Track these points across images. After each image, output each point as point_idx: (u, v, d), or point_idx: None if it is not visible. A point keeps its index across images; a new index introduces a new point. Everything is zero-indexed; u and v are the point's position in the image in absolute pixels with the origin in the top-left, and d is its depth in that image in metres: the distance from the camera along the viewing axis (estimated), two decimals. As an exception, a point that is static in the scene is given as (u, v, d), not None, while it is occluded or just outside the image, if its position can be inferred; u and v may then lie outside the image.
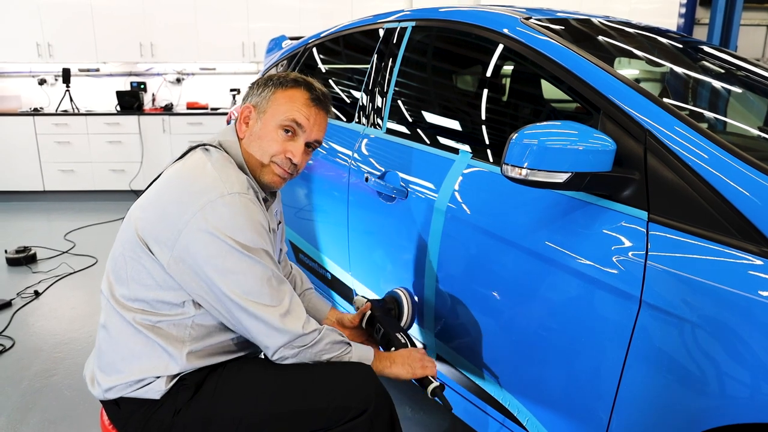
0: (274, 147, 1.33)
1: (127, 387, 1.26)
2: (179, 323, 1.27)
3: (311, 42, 2.74)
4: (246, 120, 1.36)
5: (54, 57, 5.77)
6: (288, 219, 2.66)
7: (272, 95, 1.34)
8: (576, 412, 1.33)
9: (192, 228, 1.19)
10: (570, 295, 1.28)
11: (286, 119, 1.33)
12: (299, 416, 1.26)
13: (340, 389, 1.28)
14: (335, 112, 2.40)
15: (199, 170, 1.26)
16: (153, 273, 1.24)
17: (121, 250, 1.29)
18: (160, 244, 1.22)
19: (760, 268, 0.99)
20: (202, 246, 1.19)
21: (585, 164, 1.13)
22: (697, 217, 1.09)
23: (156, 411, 1.26)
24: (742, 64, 1.91)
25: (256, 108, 1.35)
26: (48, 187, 5.78)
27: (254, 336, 1.25)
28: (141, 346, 1.26)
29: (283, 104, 1.33)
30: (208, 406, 1.26)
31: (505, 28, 1.64)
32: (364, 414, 1.26)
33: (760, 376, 0.97)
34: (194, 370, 1.29)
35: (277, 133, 1.33)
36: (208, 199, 1.19)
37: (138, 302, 1.26)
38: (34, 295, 3.35)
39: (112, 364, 1.28)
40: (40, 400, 2.30)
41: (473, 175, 1.60)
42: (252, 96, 1.38)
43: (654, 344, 1.12)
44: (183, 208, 1.20)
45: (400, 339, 1.52)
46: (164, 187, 1.28)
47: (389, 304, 1.72)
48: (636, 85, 1.30)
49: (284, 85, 1.35)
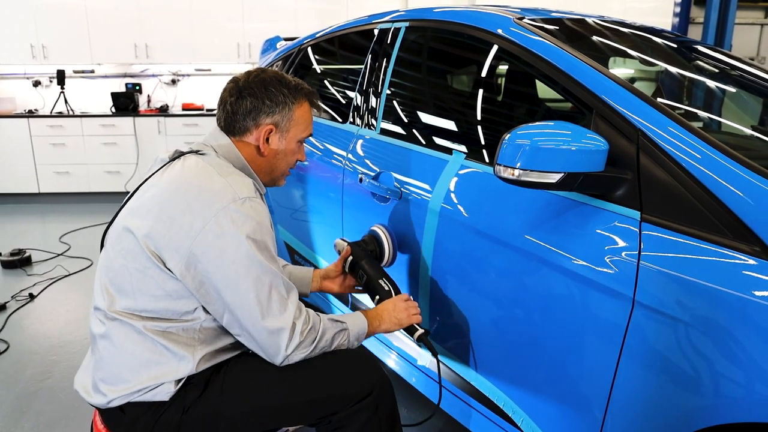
0: (294, 159, 1.46)
1: (136, 393, 1.25)
2: (189, 327, 1.27)
3: (306, 42, 2.74)
4: (267, 138, 1.38)
5: (48, 58, 5.75)
6: (283, 220, 2.66)
7: (291, 114, 1.39)
8: (570, 411, 1.33)
9: (205, 236, 1.19)
10: (564, 295, 1.28)
11: (306, 136, 1.45)
12: (307, 405, 1.30)
13: (345, 376, 1.32)
14: (330, 113, 2.40)
15: (206, 177, 1.26)
16: (162, 284, 1.23)
17: (122, 261, 1.26)
18: (171, 253, 1.21)
19: (753, 268, 0.99)
20: (216, 253, 1.20)
21: (577, 164, 1.13)
22: (690, 216, 1.09)
23: (164, 412, 1.26)
24: (735, 64, 1.91)
25: (278, 127, 1.38)
26: (43, 189, 5.76)
27: (260, 344, 1.26)
28: (150, 354, 1.25)
29: (302, 123, 1.42)
30: (217, 402, 1.27)
31: (499, 28, 1.64)
32: (370, 396, 1.31)
33: (754, 376, 0.97)
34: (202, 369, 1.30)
35: (296, 146, 1.44)
36: (221, 206, 1.20)
37: (146, 312, 1.25)
38: (28, 297, 3.33)
39: (117, 374, 1.27)
40: (35, 404, 2.29)
41: (467, 176, 1.59)
42: (268, 112, 1.36)
43: (647, 344, 1.12)
44: (195, 216, 1.20)
45: (383, 286, 1.57)
46: (168, 196, 1.25)
47: (370, 245, 1.71)
48: (629, 84, 1.30)
49: (296, 99, 1.39)
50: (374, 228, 1.69)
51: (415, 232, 1.72)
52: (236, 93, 1.36)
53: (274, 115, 1.36)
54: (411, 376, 1.90)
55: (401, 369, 1.95)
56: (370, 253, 1.68)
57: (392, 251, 1.66)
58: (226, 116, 1.37)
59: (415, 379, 1.88)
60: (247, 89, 1.35)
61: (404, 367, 1.94)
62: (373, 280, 1.59)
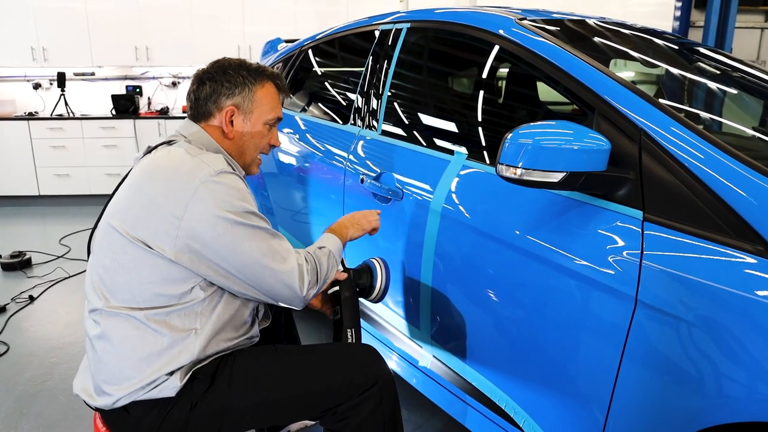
0: (263, 142, 1.45)
1: (141, 390, 1.24)
2: (189, 312, 1.27)
3: (307, 44, 2.74)
4: (230, 121, 1.39)
5: (49, 61, 5.75)
6: (284, 221, 2.65)
7: (252, 95, 1.40)
8: (572, 411, 1.32)
9: (192, 213, 1.21)
10: (566, 295, 1.27)
11: (273, 118, 1.44)
12: (314, 396, 1.33)
13: (350, 366, 1.36)
14: (331, 114, 2.40)
15: (178, 160, 1.28)
16: (155, 269, 1.24)
17: (112, 258, 1.27)
18: (160, 236, 1.22)
19: (756, 267, 0.98)
20: (208, 227, 1.21)
21: (580, 164, 1.13)
22: (692, 216, 1.09)
23: (171, 409, 1.26)
24: (736, 65, 1.91)
25: (240, 109, 1.39)
26: (43, 192, 5.75)
27: (277, 293, 1.30)
28: (150, 346, 1.25)
29: (266, 104, 1.42)
30: (224, 396, 1.28)
31: (500, 29, 1.64)
32: (375, 387, 1.34)
33: (756, 375, 0.96)
34: (207, 362, 1.30)
35: (264, 129, 1.44)
36: (199, 182, 1.22)
37: (145, 301, 1.26)
38: (28, 299, 3.33)
39: (119, 373, 1.26)
40: (35, 406, 2.28)
41: (468, 176, 1.59)
42: (228, 93, 1.38)
43: (650, 343, 1.12)
44: (176, 196, 1.21)
45: (348, 336, 1.56)
46: (142, 183, 1.27)
47: (363, 276, 1.64)
48: (630, 84, 1.30)
49: (256, 80, 1.40)
50: (372, 260, 1.64)
51: (417, 232, 1.72)
52: (197, 81, 1.41)
53: (234, 97, 1.38)
54: (412, 377, 1.90)
55: (402, 370, 1.95)
56: (356, 292, 1.62)
57: (383, 288, 1.61)
58: (191, 104, 1.41)
59: (416, 380, 1.88)
60: (206, 75, 1.40)
61: (405, 369, 1.94)
62: (343, 324, 1.57)
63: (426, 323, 1.79)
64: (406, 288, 1.84)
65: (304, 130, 2.47)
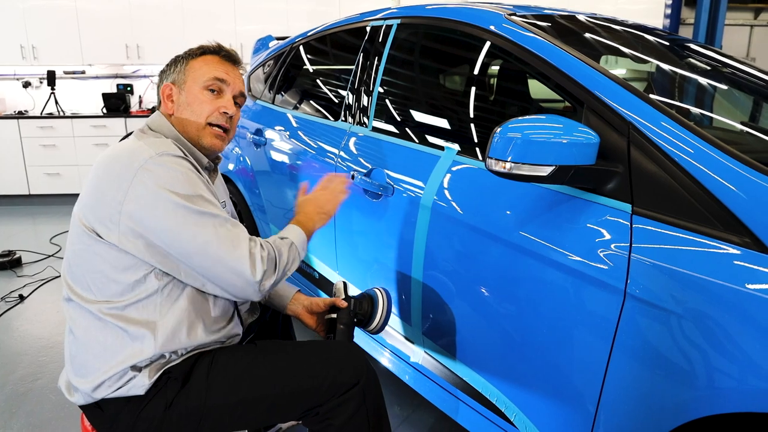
0: (206, 108, 1.37)
1: (109, 387, 1.23)
2: (146, 304, 1.25)
3: (298, 41, 2.73)
4: (169, 98, 1.39)
5: (38, 59, 5.71)
6: (275, 219, 2.64)
7: (186, 67, 1.40)
8: (563, 405, 1.33)
9: (132, 196, 1.18)
10: (555, 288, 1.28)
11: (209, 79, 1.38)
12: (295, 396, 1.29)
13: (332, 365, 1.31)
14: (322, 111, 2.39)
15: (124, 145, 1.27)
16: (106, 257, 1.22)
17: (71, 248, 1.28)
18: (105, 223, 1.21)
19: (743, 259, 0.99)
20: (149, 211, 1.18)
21: (569, 157, 1.13)
22: (681, 209, 1.10)
23: (144, 407, 1.24)
24: (726, 61, 1.92)
25: (176, 83, 1.40)
26: (33, 191, 5.71)
27: (228, 283, 1.23)
28: (112, 338, 1.23)
29: (199, 69, 1.39)
30: (200, 396, 1.25)
31: (491, 24, 1.64)
32: (357, 386, 1.30)
33: (745, 366, 0.97)
34: (179, 360, 1.28)
35: (203, 95, 1.37)
36: (139, 164, 1.19)
37: (100, 293, 1.24)
38: (18, 299, 3.30)
39: (84, 365, 1.25)
40: (25, 405, 2.26)
41: (459, 172, 1.59)
42: (167, 76, 1.42)
43: (639, 336, 1.12)
44: (117, 181, 1.19)
45: None
46: (93, 173, 1.26)
47: (363, 306, 1.60)
48: (619, 78, 1.30)
49: (193, 55, 1.41)
50: (375, 289, 1.61)
51: (407, 227, 1.71)
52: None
53: (170, 75, 1.41)
54: (404, 373, 1.90)
55: (394, 366, 1.95)
56: (353, 323, 1.58)
57: (383, 319, 1.57)
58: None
59: (408, 376, 1.88)
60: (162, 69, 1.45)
61: (397, 365, 1.94)
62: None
63: (417, 319, 1.79)
64: (397, 284, 1.83)
65: (295, 127, 2.46)
